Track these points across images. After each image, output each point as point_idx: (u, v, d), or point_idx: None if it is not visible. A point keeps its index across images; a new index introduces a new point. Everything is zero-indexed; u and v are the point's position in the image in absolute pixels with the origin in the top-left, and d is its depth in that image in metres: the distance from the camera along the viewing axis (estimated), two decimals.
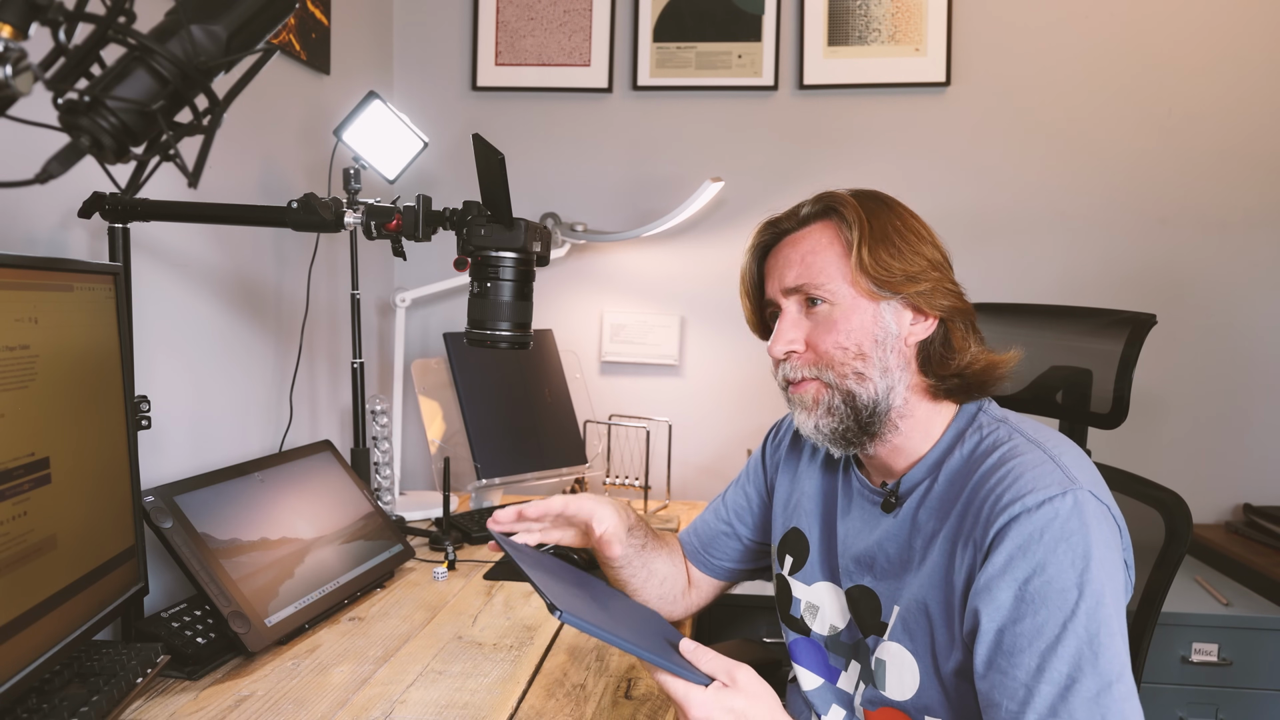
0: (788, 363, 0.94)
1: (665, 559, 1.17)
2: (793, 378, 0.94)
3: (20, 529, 0.82)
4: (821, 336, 0.91)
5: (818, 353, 0.92)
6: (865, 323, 0.90)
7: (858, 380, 0.90)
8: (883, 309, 0.90)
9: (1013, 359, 0.94)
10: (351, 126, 1.67)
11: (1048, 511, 0.77)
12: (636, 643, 0.76)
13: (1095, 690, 0.73)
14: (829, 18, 2.06)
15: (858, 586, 0.95)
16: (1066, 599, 0.75)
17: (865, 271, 0.89)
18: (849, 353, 0.90)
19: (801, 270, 0.93)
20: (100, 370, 0.98)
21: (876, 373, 0.90)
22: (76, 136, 0.58)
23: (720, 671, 0.77)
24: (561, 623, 0.73)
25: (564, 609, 0.73)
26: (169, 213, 1.16)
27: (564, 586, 0.86)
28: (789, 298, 0.95)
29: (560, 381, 2.03)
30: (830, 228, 0.94)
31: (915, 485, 0.91)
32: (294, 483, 1.37)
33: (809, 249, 0.94)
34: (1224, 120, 1.99)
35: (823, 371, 0.92)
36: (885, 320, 0.90)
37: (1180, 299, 2.02)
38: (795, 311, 0.94)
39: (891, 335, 0.90)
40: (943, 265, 0.93)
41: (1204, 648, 1.65)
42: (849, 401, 0.91)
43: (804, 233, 0.96)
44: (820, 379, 0.92)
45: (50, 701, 0.86)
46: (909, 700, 0.89)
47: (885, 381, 0.90)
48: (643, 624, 0.88)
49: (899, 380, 0.91)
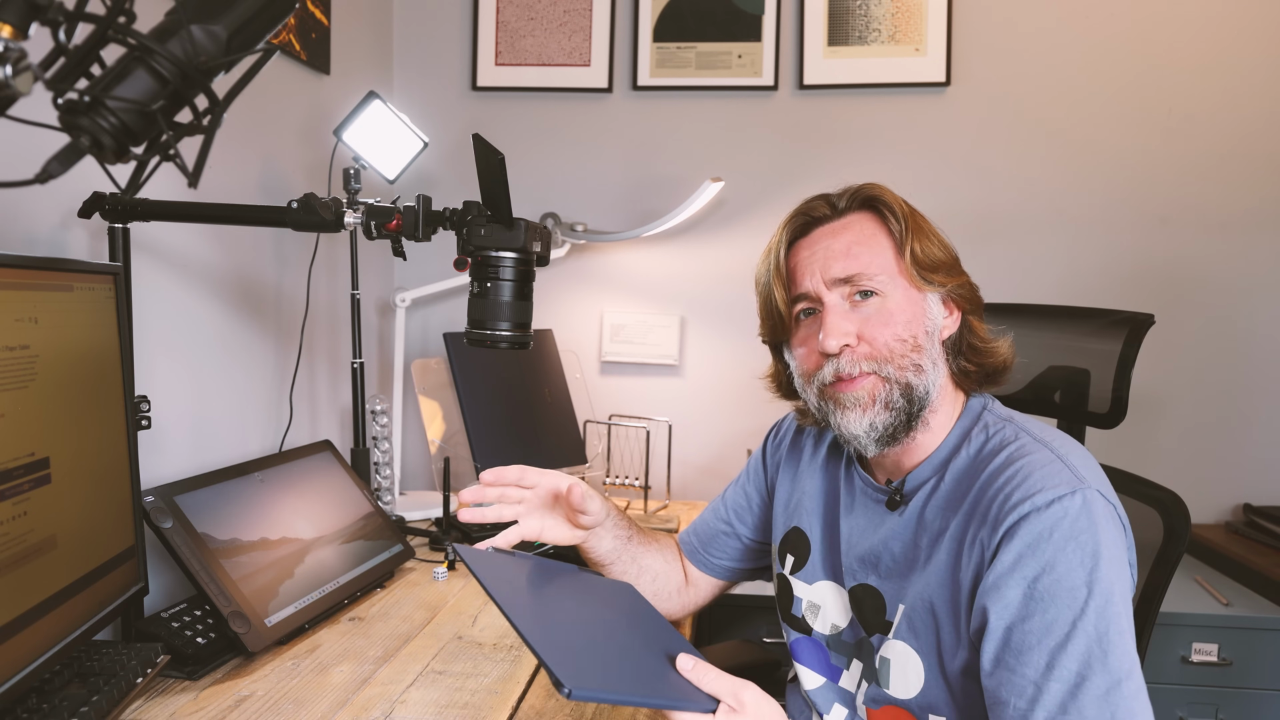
0: (842, 358, 0.89)
1: (656, 555, 1.16)
2: (849, 373, 0.89)
3: (20, 529, 0.82)
4: (878, 329, 0.89)
5: (874, 346, 0.89)
6: (918, 314, 0.90)
7: (916, 372, 0.89)
8: (929, 299, 0.91)
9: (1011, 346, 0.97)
10: (351, 126, 1.67)
11: (1057, 510, 0.77)
12: (643, 688, 0.73)
13: (1105, 688, 0.73)
14: (829, 18, 2.07)
15: (862, 585, 0.95)
16: (1076, 597, 0.75)
17: (917, 262, 0.89)
18: (907, 344, 0.89)
19: (849, 261, 0.90)
20: (100, 370, 0.98)
21: (929, 364, 0.90)
22: (76, 136, 0.58)
23: (725, 694, 0.75)
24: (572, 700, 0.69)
25: (572, 685, 0.66)
26: (169, 213, 1.16)
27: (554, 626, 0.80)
28: (833, 289, 0.91)
29: (560, 381, 2.03)
30: (873, 219, 0.93)
31: (921, 483, 0.91)
32: (294, 483, 1.37)
33: (854, 239, 0.91)
34: (1224, 120, 1.99)
35: (881, 366, 0.88)
36: (932, 311, 0.91)
37: (1180, 299, 2.02)
38: (841, 304, 0.90)
39: (936, 326, 0.92)
40: (959, 261, 0.95)
41: (1204, 648, 1.65)
42: (906, 394, 0.89)
43: (844, 223, 0.93)
44: (879, 373, 0.89)
45: (50, 701, 0.86)
46: (914, 698, 0.88)
47: (935, 374, 0.91)
48: (641, 638, 0.85)
49: (939, 375, 0.92)
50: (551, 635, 0.77)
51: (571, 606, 0.88)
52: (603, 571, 1.11)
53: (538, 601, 0.86)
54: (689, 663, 0.77)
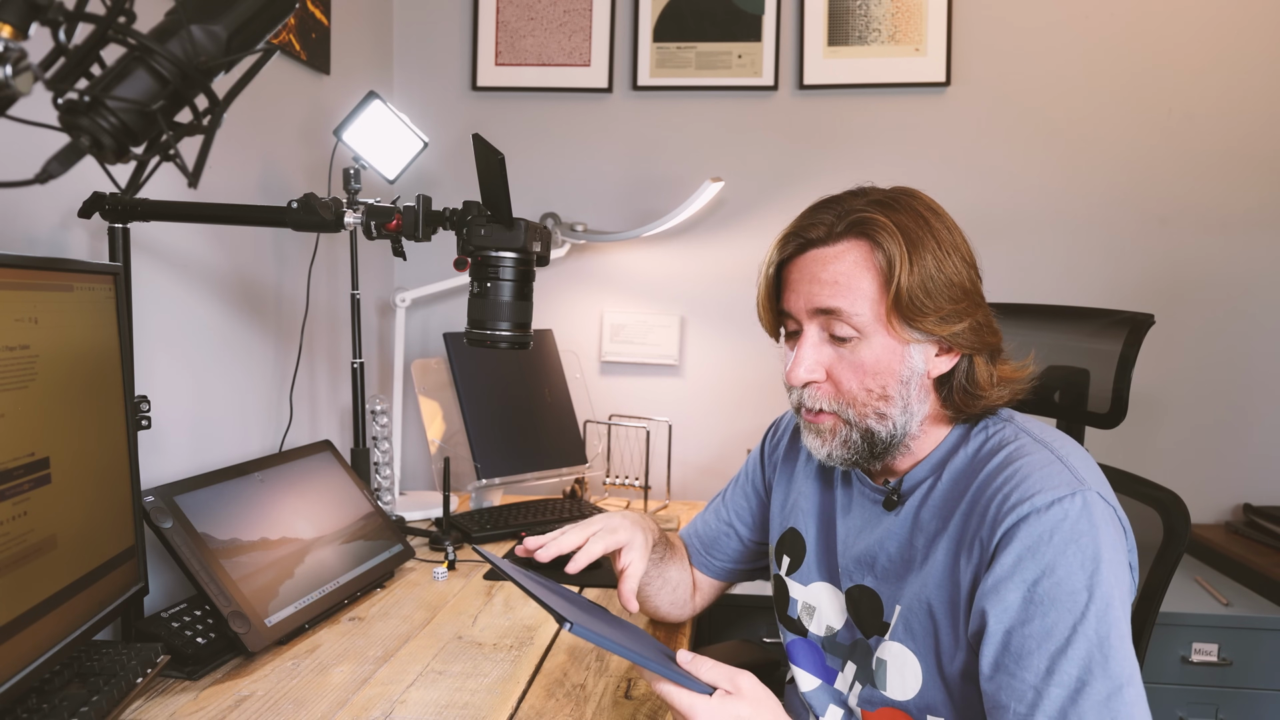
0: (806, 391, 0.90)
1: (677, 566, 1.18)
2: (811, 407, 0.90)
3: (20, 529, 0.82)
4: (846, 374, 0.87)
5: (840, 389, 0.88)
6: (893, 363, 0.86)
7: (879, 420, 0.87)
8: (911, 349, 0.86)
9: (1026, 371, 0.92)
10: (351, 126, 1.67)
11: (1057, 512, 0.77)
12: (641, 654, 0.75)
13: (1106, 693, 0.73)
14: (829, 18, 2.06)
15: (858, 586, 0.95)
16: (1076, 601, 0.75)
17: (899, 311, 0.83)
18: (872, 394, 0.86)
19: (832, 293, 0.85)
20: (100, 370, 0.98)
21: (898, 410, 0.87)
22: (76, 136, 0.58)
23: (723, 679, 0.76)
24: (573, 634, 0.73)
25: (573, 620, 0.72)
26: (169, 213, 1.16)
27: (565, 604, 0.86)
28: (813, 320, 0.88)
29: (560, 381, 2.03)
30: (864, 250, 0.85)
31: (918, 483, 0.91)
32: (294, 483, 1.37)
33: (842, 271, 0.85)
34: (1224, 120, 1.99)
35: (843, 409, 0.88)
36: (913, 360, 0.86)
37: (1181, 299, 2.02)
38: (817, 337, 0.88)
39: (917, 373, 0.87)
40: (973, 291, 0.87)
41: (1204, 648, 1.65)
42: (867, 438, 0.88)
43: (835, 250, 0.87)
44: (840, 415, 0.88)
45: (50, 701, 0.86)
46: (911, 700, 0.88)
47: (904, 417, 0.87)
48: (641, 640, 0.88)
49: (917, 412, 0.88)
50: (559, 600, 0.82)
51: (581, 603, 0.92)
52: None
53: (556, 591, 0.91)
54: (687, 656, 0.79)
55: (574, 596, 0.96)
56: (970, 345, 0.87)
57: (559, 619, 0.72)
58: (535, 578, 0.97)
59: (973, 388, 0.88)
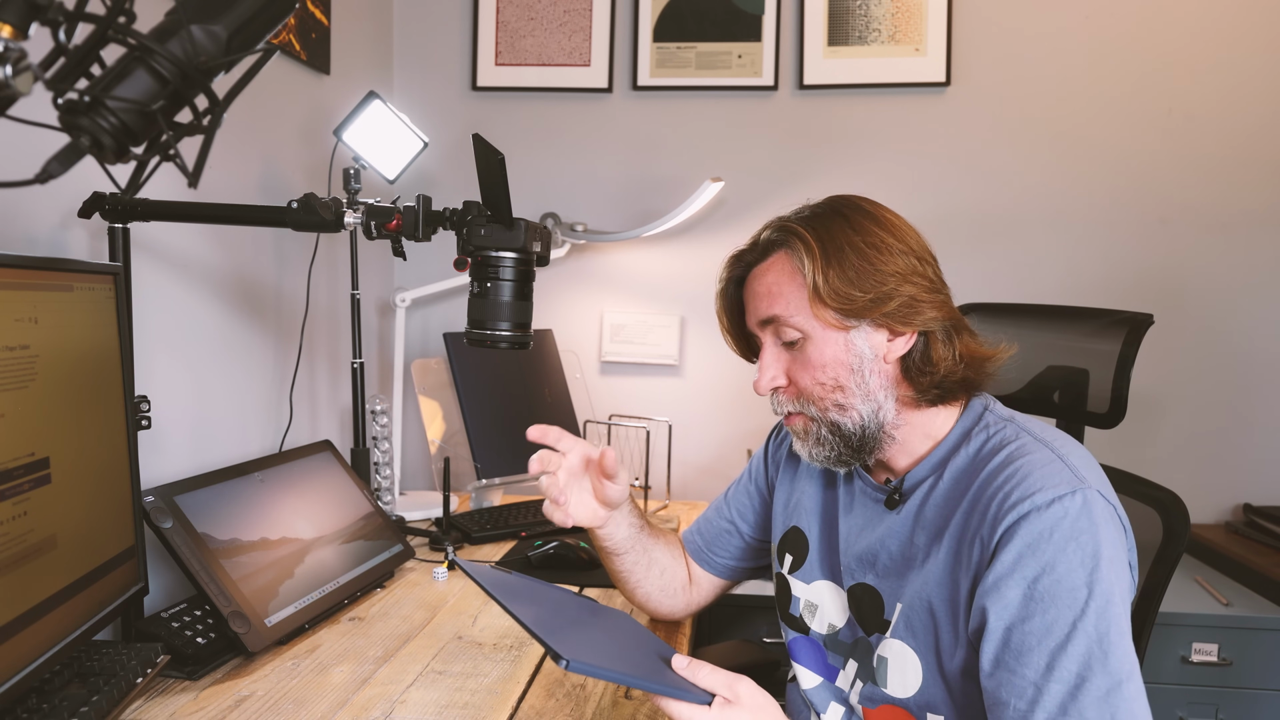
0: (773, 398, 0.95)
1: (664, 549, 1.17)
2: (780, 412, 0.96)
3: (20, 529, 0.82)
4: (799, 372, 0.92)
5: (800, 389, 0.92)
6: (838, 354, 0.89)
7: (839, 411, 0.90)
8: (853, 336, 0.89)
9: (1003, 354, 0.93)
10: (351, 126, 1.68)
11: (1057, 510, 0.77)
12: (639, 674, 0.74)
13: (1105, 689, 0.73)
14: (829, 18, 2.07)
15: (860, 584, 0.95)
16: (1076, 598, 0.75)
17: (824, 303, 0.88)
18: (826, 387, 0.90)
19: (769, 304, 0.92)
20: (100, 370, 0.98)
21: (858, 400, 0.90)
22: (76, 136, 0.58)
23: (721, 686, 0.76)
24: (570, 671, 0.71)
25: (570, 657, 0.69)
26: (169, 213, 1.16)
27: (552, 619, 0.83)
28: (764, 331, 0.95)
29: (560, 381, 2.03)
30: (784, 258, 0.92)
31: (919, 482, 0.91)
32: (294, 483, 1.37)
33: (772, 281, 0.93)
34: (1225, 120, 1.99)
35: (806, 406, 0.93)
36: (858, 347, 0.89)
37: (1181, 299, 2.02)
38: (773, 345, 0.94)
39: (867, 359, 0.89)
40: (918, 273, 0.89)
41: (1204, 648, 1.65)
42: (835, 431, 0.91)
43: (767, 265, 0.94)
44: (805, 414, 0.93)
45: (50, 701, 0.86)
46: (911, 697, 0.89)
47: (869, 405, 0.90)
48: (636, 644, 0.87)
49: (885, 399, 0.90)
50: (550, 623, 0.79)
51: (570, 613, 0.90)
52: (615, 560, 1.12)
53: (537, 605, 0.88)
54: (683, 661, 0.78)
55: (563, 599, 0.94)
56: (919, 323, 0.88)
57: (555, 656, 0.70)
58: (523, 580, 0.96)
59: (925, 365, 0.90)
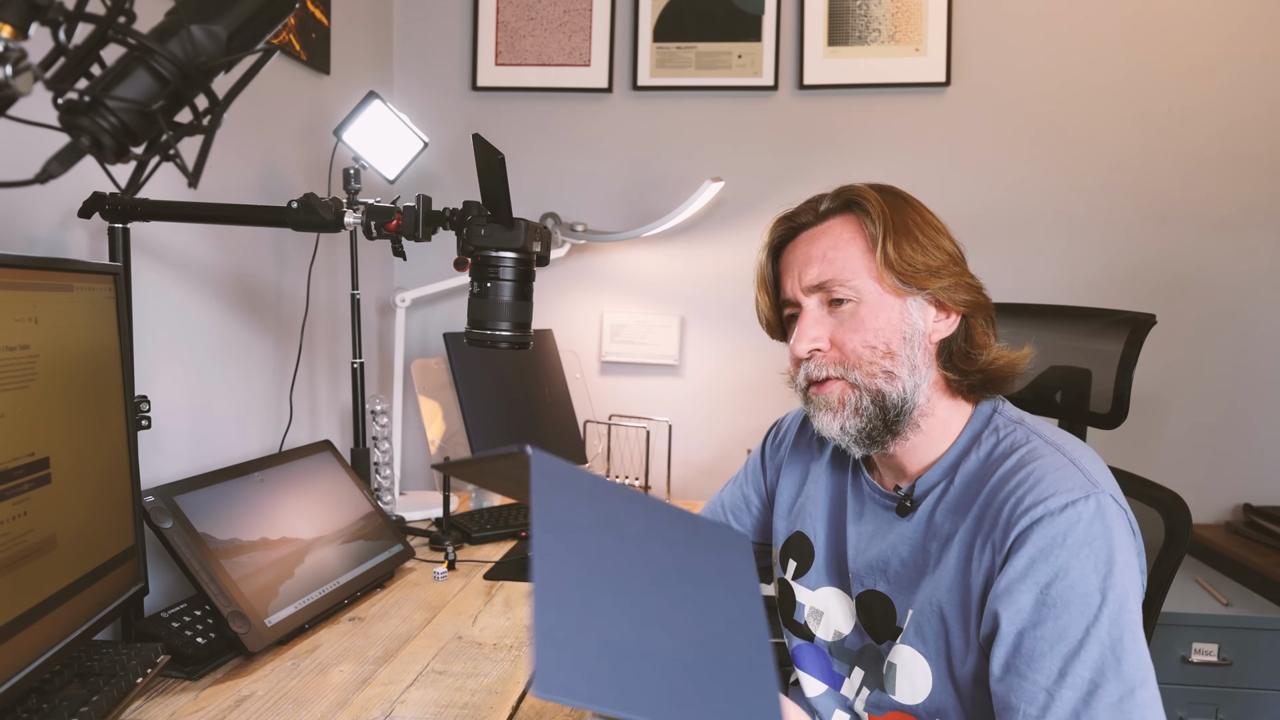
0: (811, 362, 0.91)
1: None
2: (817, 376, 0.90)
3: (20, 529, 0.82)
4: (848, 335, 0.89)
5: (844, 352, 0.89)
6: (893, 320, 0.88)
7: (887, 379, 0.88)
8: (909, 305, 0.88)
9: (1027, 356, 0.93)
10: (351, 126, 1.67)
11: (1070, 515, 0.76)
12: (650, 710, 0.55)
13: (1118, 696, 0.72)
14: (829, 18, 2.06)
15: (870, 592, 0.94)
16: (1090, 603, 0.74)
17: (891, 267, 0.87)
18: (877, 351, 0.88)
19: (824, 267, 0.90)
20: (100, 370, 0.98)
21: (905, 370, 0.88)
22: (76, 136, 0.58)
23: None
24: None
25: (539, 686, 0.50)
26: (169, 213, 1.16)
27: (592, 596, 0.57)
28: (810, 295, 0.91)
29: (560, 381, 2.03)
30: (852, 222, 0.91)
31: (931, 488, 0.90)
32: (294, 483, 1.37)
33: (830, 244, 0.90)
34: (1224, 118, 1.99)
35: (849, 371, 0.89)
36: (913, 317, 0.88)
37: (1180, 297, 2.02)
38: (817, 309, 0.91)
39: (919, 332, 0.89)
40: (961, 260, 0.91)
41: (1204, 648, 1.65)
42: (878, 401, 0.88)
43: (824, 228, 0.92)
44: (846, 379, 0.89)
45: (50, 701, 0.86)
46: (920, 704, 0.87)
47: (913, 379, 0.88)
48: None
49: (924, 378, 0.89)
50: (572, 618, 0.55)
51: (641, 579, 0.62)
52: None
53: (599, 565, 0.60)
54: None
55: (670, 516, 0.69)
56: (965, 305, 0.89)
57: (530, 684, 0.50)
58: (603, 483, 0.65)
59: (971, 347, 0.90)
